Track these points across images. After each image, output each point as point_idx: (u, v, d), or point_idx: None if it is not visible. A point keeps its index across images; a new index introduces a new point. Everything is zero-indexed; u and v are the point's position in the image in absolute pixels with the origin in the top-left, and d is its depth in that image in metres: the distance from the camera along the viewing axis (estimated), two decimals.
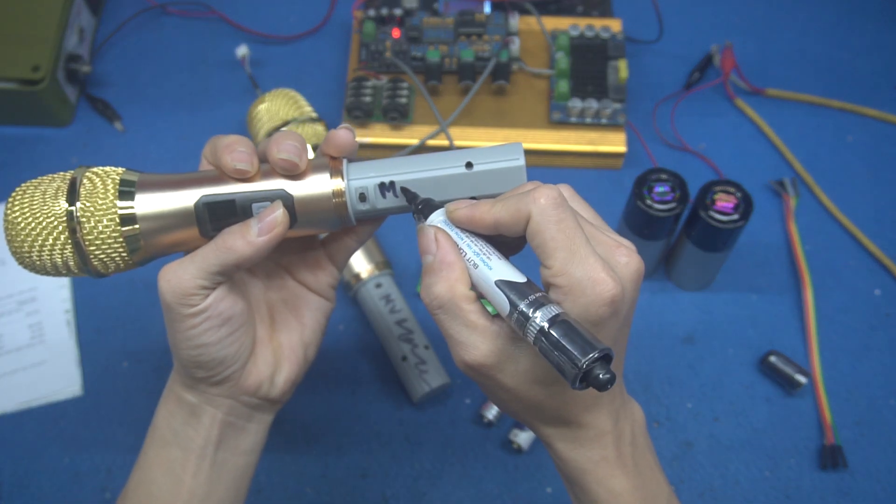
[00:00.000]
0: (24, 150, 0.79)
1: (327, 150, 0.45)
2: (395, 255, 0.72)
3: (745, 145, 0.79)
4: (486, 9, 0.81)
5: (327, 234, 0.51)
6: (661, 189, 0.64)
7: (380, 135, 0.75)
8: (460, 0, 0.82)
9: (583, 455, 0.43)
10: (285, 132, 0.45)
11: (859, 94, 0.81)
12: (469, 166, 0.44)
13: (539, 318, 0.36)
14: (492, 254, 0.41)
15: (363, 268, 0.68)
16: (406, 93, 0.75)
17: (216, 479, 0.49)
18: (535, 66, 0.79)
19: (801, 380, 0.66)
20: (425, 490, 0.64)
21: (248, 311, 0.48)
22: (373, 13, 0.79)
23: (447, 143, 0.75)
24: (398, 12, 0.79)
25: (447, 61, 0.78)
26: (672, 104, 0.81)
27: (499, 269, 0.40)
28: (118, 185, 0.44)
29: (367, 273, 0.68)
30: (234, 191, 0.44)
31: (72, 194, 0.43)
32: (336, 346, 0.69)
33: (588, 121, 0.76)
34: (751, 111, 0.80)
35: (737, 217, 0.63)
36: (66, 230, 0.43)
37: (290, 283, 0.52)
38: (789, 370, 0.66)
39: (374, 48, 0.79)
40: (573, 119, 0.76)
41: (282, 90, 0.75)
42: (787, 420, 0.66)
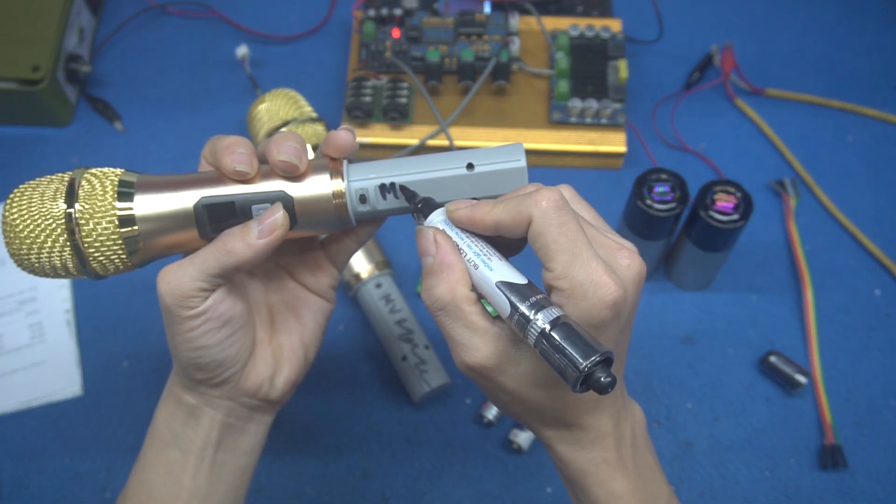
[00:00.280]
0: (24, 150, 0.79)
1: (327, 150, 0.45)
2: (395, 255, 0.72)
3: (745, 145, 0.79)
4: (486, 9, 0.81)
5: (327, 234, 0.51)
6: (661, 189, 0.64)
7: (380, 135, 0.75)
8: (460, 0, 0.82)
9: (583, 457, 0.43)
10: (285, 133, 0.45)
11: (859, 94, 0.81)
12: (470, 167, 0.44)
13: (540, 321, 0.36)
14: (492, 254, 0.40)
15: (363, 268, 0.68)
16: (406, 93, 0.75)
17: (215, 480, 0.49)
18: (535, 66, 0.79)
19: (801, 380, 0.66)
20: (425, 490, 0.64)
21: (248, 313, 0.48)
22: (373, 13, 0.79)
23: (447, 143, 0.74)
24: (398, 12, 0.79)
25: (447, 61, 0.78)
26: (672, 104, 0.81)
27: (499, 270, 0.39)
28: (117, 186, 0.44)
29: (367, 273, 0.68)
30: (234, 192, 0.44)
31: (70, 196, 0.43)
32: (336, 347, 0.69)
33: (588, 121, 0.76)
34: (751, 111, 0.80)
35: (737, 217, 0.63)
36: (65, 232, 0.43)
37: (290, 284, 0.52)
38: (789, 370, 0.66)
39: (374, 48, 0.78)
40: (573, 119, 0.76)
41: (282, 90, 0.74)
42: (787, 420, 0.66)
